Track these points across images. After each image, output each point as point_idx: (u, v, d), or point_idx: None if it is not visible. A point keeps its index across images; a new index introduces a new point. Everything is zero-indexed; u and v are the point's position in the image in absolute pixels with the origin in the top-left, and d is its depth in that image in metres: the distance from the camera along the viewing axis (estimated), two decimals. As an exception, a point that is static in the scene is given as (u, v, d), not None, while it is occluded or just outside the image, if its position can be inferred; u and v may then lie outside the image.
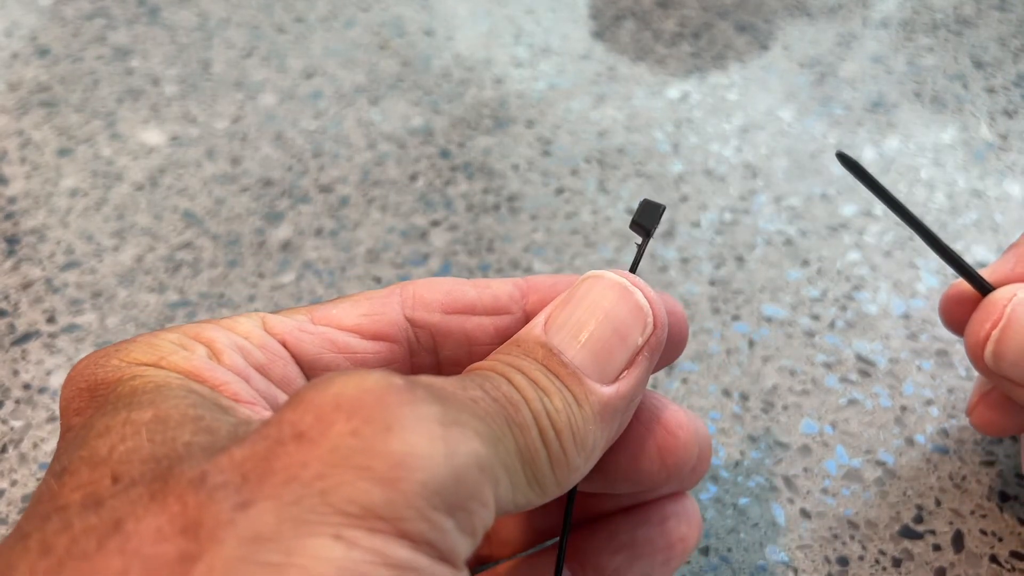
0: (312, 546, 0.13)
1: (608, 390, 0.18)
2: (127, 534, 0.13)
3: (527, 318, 0.21)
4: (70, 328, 0.34)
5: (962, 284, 0.25)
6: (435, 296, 0.21)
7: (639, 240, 0.22)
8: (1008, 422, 0.26)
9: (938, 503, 0.28)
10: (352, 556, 0.13)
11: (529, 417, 0.17)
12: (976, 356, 0.23)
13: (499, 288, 0.21)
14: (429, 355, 0.21)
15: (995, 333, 0.23)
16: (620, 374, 0.19)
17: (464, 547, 0.15)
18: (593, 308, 0.19)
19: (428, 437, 0.14)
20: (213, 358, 0.18)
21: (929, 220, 0.37)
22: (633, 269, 0.21)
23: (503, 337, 0.21)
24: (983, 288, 0.24)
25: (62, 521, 0.13)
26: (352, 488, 0.13)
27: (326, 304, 0.20)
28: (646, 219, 0.21)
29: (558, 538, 0.22)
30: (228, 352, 0.18)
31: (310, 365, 0.20)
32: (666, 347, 0.21)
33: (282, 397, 0.19)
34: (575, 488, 0.21)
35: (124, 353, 0.17)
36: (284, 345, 0.19)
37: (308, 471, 0.13)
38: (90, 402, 0.17)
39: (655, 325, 0.19)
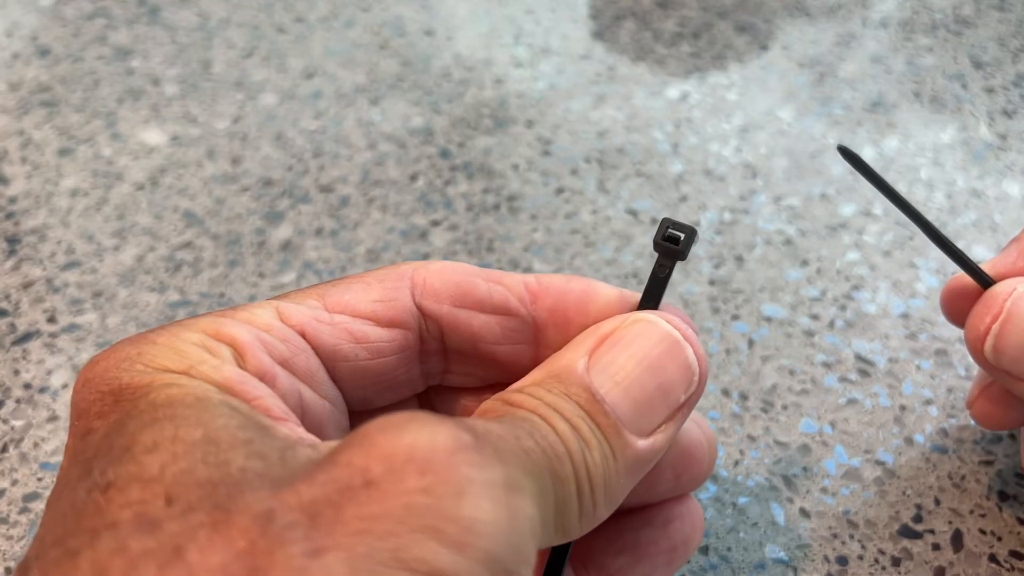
0: None
1: (643, 444, 0.18)
2: (190, 565, 0.13)
3: (535, 323, 0.21)
4: (71, 328, 0.34)
5: (963, 277, 0.25)
6: (446, 287, 0.20)
7: (664, 261, 0.20)
8: (1008, 416, 0.26)
9: (937, 502, 0.28)
10: None
11: (570, 471, 0.17)
12: (976, 350, 0.24)
13: (511, 285, 0.21)
14: (437, 342, 0.21)
15: (995, 327, 0.23)
16: (657, 428, 0.18)
17: None
18: (641, 357, 0.19)
19: (494, 503, 0.14)
20: (239, 358, 0.17)
21: (929, 219, 0.37)
22: (659, 294, 0.20)
23: (509, 339, 0.21)
24: (984, 282, 0.24)
25: (115, 541, 0.13)
26: (423, 548, 0.13)
27: (336, 287, 0.20)
28: (684, 244, 0.20)
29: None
30: (252, 351, 0.18)
31: (329, 356, 0.19)
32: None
33: (308, 393, 0.19)
34: None
35: (148, 358, 0.17)
36: (303, 336, 0.19)
37: (379, 525, 0.13)
38: (114, 406, 0.16)
39: (699, 383, 0.19)
